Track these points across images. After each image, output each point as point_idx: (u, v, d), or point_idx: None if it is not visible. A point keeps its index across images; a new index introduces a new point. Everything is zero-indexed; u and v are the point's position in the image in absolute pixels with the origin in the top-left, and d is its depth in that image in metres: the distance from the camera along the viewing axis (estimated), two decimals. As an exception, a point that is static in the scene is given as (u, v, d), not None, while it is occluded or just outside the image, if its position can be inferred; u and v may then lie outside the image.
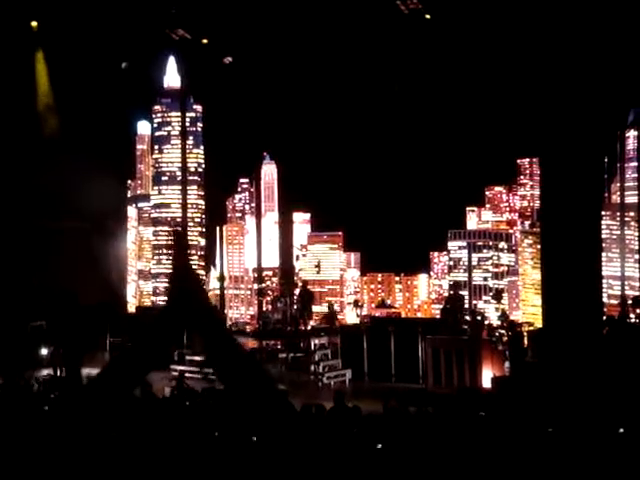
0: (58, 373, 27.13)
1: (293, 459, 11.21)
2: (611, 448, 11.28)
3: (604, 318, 25.17)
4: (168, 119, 43.62)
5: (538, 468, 10.83)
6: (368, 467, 11.17)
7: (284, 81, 35.52)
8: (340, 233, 44.10)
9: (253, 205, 44.12)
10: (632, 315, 32.59)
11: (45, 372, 26.37)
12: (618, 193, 40.57)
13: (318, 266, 44.08)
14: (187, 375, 24.88)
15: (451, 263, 43.48)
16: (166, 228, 43.23)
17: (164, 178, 43.44)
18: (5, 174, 32.01)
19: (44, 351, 28.36)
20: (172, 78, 41.87)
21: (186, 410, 15.41)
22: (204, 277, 46.38)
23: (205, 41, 32.37)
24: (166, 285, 26.89)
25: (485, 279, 43.11)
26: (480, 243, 43.07)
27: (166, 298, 24.65)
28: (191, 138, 43.94)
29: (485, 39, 28.92)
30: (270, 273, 42.55)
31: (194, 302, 21.02)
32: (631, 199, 38.40)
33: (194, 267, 36.12)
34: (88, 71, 33.29)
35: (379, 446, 11.29)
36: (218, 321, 21.35)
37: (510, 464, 10.92)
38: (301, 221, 44.74)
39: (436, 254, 43.72)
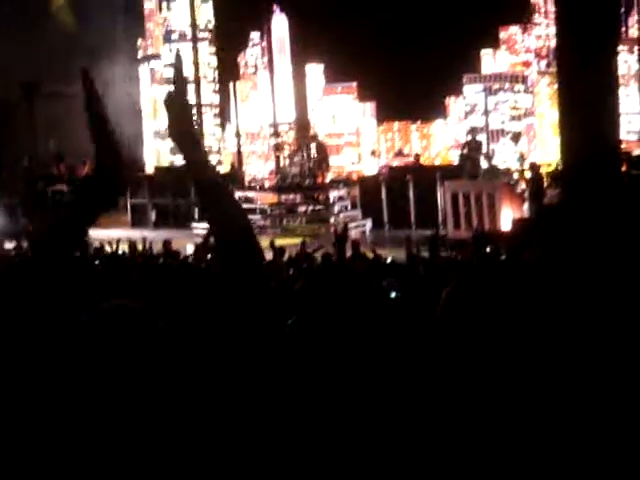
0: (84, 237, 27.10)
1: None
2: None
3: (623, 155, 24.80)
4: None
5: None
6: (388, 316, 11.11)
7: None
8: (354, 84, 43.36)
9: (265, 60, 43.39)
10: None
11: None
12: (636, 27, 39.62)
13: (334, 118, 43.71)
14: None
15: (467, 108, 42.91)
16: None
17: (174, 36, 42.64)
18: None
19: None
20: None
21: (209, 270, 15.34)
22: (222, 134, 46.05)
23: None
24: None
25: (502, 122, 42.52)
26: (496, 86, 42.19)
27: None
28: (199, -7, 42.98)
29: None
30: (286, 127, 42.19)
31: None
32: (649, 33, 37.58)
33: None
34: None
35: (394, 295, 11.21)
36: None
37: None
38: (314, 73, 44.08)
39: (452, 99, 43.08)
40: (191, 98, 31.66)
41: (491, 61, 42.76)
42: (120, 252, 16.03)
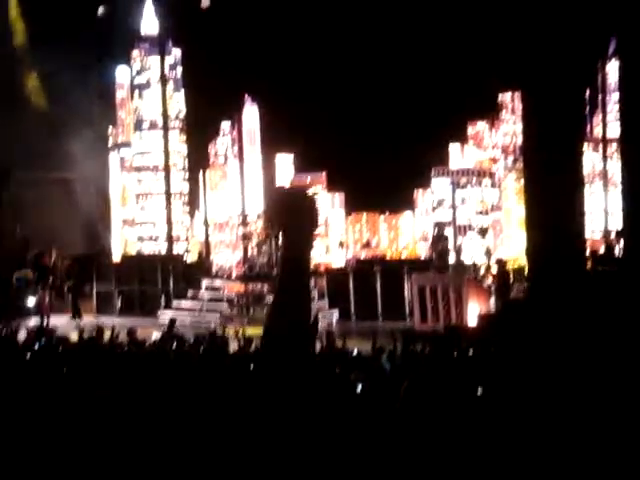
0: (44, 323, 27.02)
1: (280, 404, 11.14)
2: (594, 388, 11.18)
3: (587, 252, 25.12)
4: (147, 65, 43.02)
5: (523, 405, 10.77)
6: (355, 407, 11.11)
7: (264, 21, 35.00)
8: (323, 174, 43.82)
9: (235, 149, 43.82)
10: (616, 248, 32.56)
11: (33, 321, 26.25)
12: (600, 126, 40.23)
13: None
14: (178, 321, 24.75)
15: (435, 201, 43.37)
16: (149, 175, 42.94)
17: (145, 125, 42.86)
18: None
19: (31, 300, 28.20)
20: (150, 23, 41.16)
21: (174, 357, 15.30)
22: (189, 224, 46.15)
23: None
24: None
25: (469, 217, 43.07)
26: (464, 180, 42.83)
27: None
28: (171, 83, 43.15)
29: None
30: (255, 217, 42.38)
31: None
32: (613, 132, 38.13)
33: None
34: (64, 19, 32.77)
35: (360, 387, 11.22)
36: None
37: (494, 400, 10.88)
38: (284, 163, 44.48)
39: (420, 192, 43.59)
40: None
41: (459, 156, 43.39)
42: (85, 339, 15.91)
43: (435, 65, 34.58)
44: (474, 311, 22.27)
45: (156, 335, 19.42)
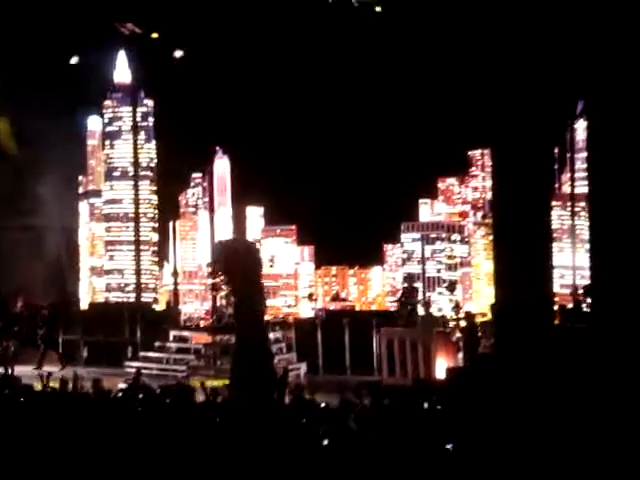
0: (9, 371, 26.71)
1: (248, 455, 11.06)
2: (560, 438, 11.21)
3: (556, 307, 25.23)
4: (119, 114, 42.88)
5: (491, 459, 10.76)
6: (324, 461, 11.05)
7: (235, 75, 35.21)
8: (293, 227, 43.89)
9: (206, 200, 43.82)
10: (584, 304, 32.77)
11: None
12: (568, 183, 40.61)
13: (272, 260, 43.92)
14: (143, 372, 24.55)
15: (404, 255, 43.48)
16: (118, 223, 42.85)
17: (116, 173, 42.74)
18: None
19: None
20: (122, 73, 41.19)
21: (141, 407, 15.16)
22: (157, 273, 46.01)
23: (155, 35, 32.06)
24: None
25: (439, 271, 42.93)
26: (433, 235, 42.89)
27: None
28: (143, 133, 43.25)
29: (435, 31, 28.88)
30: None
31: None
32: (581, 189, 38.42)
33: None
34: (37, 66, 32.83)
35: (325, 442, 11.15)
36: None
37: (464, 455, 10.86)
38: (254, 215, 44.55)
39: (390, 246, 43.69)
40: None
41: (429, 210, 43.65)
42: (50, 389, 15.79)
43: (405, 122, 34.95)
44: (442, 365, 22.30)
45: (122, 385, 19.32)
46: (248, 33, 28.51)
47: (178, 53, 31.84)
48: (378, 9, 27.61)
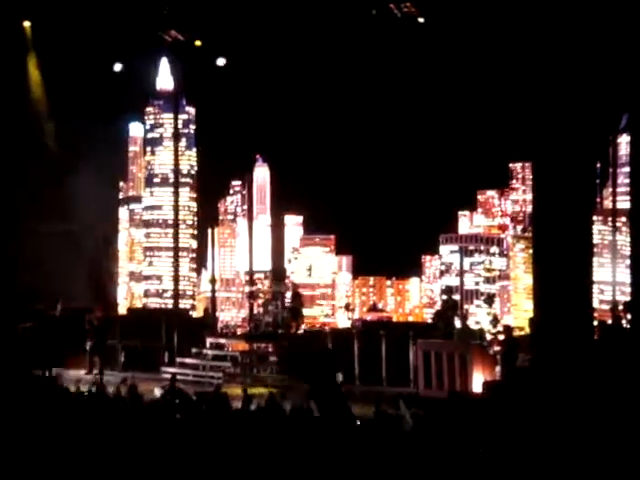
0: (47, 374, 27.04)
1: (281, 465, 11.10)
2: (602, 452, 11.17)
3: (595, 323, 25.08)
4: (161, 121, 43.23)
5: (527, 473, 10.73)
6: (357, 472, 11.06)
7: (277, 83, 35.39)
8: (332, 236, 43.93)
9: (245, 208, 43.98)
10: (624, 320, 32.52)
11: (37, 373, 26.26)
12: (610, 198, 40.15)
13: (310, 269, 44.03)
14: (179, 378, 24.72)
15: (443, 267, 43.40)
16: (158, 230, 43.18)
17: (156, 180, 43.08)
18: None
19: (34, 353, 28.22)
20: (165, 80, 41.51)
21: (177, 413, 15.27)
22: (195, 279, 46.26)
23: (198, 43, 32.31)
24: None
25: (477, 283, 42.84)
26: (472, 247, 42.80)
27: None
28: (184, 140, 43.53)
29: (478, 43, 28.88)
30: (262, 276, 42.49)
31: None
32: (623, 204, 38.11)
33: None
34: (81, 73, 33.23)
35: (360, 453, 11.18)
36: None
37: (500, 469, 10.83)
38: (293, 224, 44.70)
39: (428, 258, 43.57)
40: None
41: (467, 223, 43.55)
42: (87, 394, 15.96)
43: (446, 134, 34.94)
44: (479, 378, 22.23)
45: (157, 391, 19.46)
46: (291, 42, 28.65)
47: (220, 61, 32.06)
48: (421, 20, 27.66)
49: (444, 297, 31.56)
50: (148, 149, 42.20)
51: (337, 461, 11.35)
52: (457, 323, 27.11)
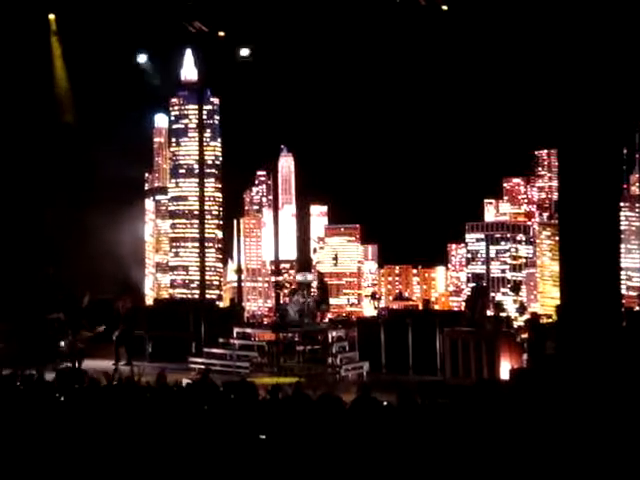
0: (76, 365, 27.28)
1: (306, 453, 11.14)
2: (628, 443, 11.12)
3: (623, 310, 25.00)
4: (185, 112, 43.34)
5: (553, 462, 10.71)
6: (382, 459, 11.10)
7: (302, 74, 35.38)
8: (357, 226, 43.94)
9: (270, 198, 44.07)
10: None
11: (64, 364, 26.49)
12: (637, 184, 40.20)
13: (335, 259, 44.08)
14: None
15: (469, 255, 43.33)
16: (183, 220, 43.33)
17: (181, 171, 43.22)
18: (22, 164, 32.22)
19: (62, 343, 28.45)
20: (189, 71, 41.57)
21: (207, 404, 15.32)
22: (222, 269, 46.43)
23: (222, 34, 32.37)
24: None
25: (503, 271, 42.72)
26: (498, 235, 42.68)
27: None
28: (208, 131, 43.64)
29: (502, 30, 28.79)
30: (287, 266, 42.59)
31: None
32: (650, 190, 38.19)
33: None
34: (106, 64, 33.39)
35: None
36: None
37: (525, 457, 10.83)
38: (318, 214, 44.71)
39: (454, 246, 43.51)
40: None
41: (493, 210, 43.41)
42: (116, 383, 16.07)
43: (471, 121, 34.84)
44: (506, 366, 22.23)
45: (186, 381, 19.58)
46: (315, 32, 28.65)
47: (244, 51, 32.10)
48: (445, 8, 27.59)
49: (471, 285, 31.48)
50: (173, 140, 42.30)
51: (363, 449, 11.39)
52: (489, 311, 27.08)
